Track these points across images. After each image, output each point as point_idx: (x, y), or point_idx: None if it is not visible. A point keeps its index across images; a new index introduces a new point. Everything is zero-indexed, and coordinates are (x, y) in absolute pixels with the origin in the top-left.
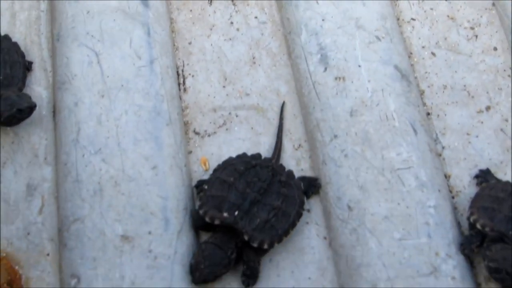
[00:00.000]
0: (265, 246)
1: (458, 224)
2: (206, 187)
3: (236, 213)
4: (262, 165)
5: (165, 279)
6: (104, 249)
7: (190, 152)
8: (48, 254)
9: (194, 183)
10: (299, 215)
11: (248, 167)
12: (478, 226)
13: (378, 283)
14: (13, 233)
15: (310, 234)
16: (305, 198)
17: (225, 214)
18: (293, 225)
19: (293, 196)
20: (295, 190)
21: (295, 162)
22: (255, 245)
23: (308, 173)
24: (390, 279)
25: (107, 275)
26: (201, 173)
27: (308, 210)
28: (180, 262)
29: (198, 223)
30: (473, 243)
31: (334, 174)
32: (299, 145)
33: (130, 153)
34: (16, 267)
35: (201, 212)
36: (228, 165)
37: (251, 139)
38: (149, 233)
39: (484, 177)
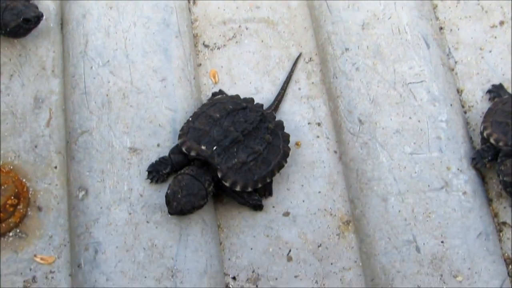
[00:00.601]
0: (237, 188)
1: (470, 139)
2: (190, 118)
3: (215, 148)
4: (253, 109)
5: None
6: (112, 161)
7: (200, 64)
8: (55, 167)
9: (203, 96)
10: (280, 166)
11: (238, 107)
12: (492, 140)
13: (388, 197)
14: (20, 146)
15: (320, 148)
16: (289, 153)
17: (203, 147)
18: (271, 173)
19: (278, 145)
20: (280, 140)
21: (306, 75)
22: (227, 184)
23: (319, 87)
24: (401, 193)
25: (115, 187)
26: (210, 86)
27: (319, 124)
28: None
29: (175, 153)
30: (485, 158)
31: (345, 87)
32: (310, 58)
33: (138, 65)
34: (24, 180)
35: (179, 141)
36: (218, 102)
37: (261, 52)
38: (158, 145)
39: (497, 92)
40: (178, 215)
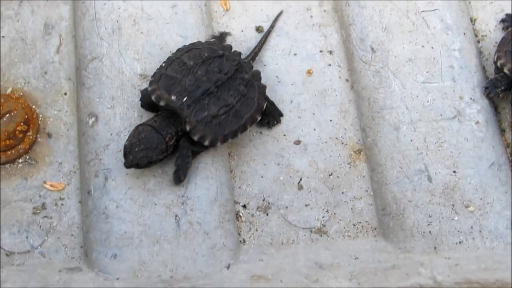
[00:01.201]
0: (206, 143)
1: (483, 69)
2: (163, 64)
3: (185, 99)
4: (229, 58)
5: None
6: (122, 88)
7: None
8: (65, 93)
9: (214, 23)
10: (253, 120)
11: (214, 55)
12: (506, 70)
13: (400, 126)
14: (30, 72)
15: (332, 76)
16: (265, 105)
17: (173, 97)
18: (243, 128)
19: (252, 98)
20: (256, 92)
21: (318, 3)
22: (195, 138)
23: (331, 14)
24: (413, 122)
25: (125, 114)
26: (221, 13)
27: (331, 52)
28: None
29: (144, 101)
30: (498, 88)
31: (357, 15)
32: None
33: None
34: (33, 107)
35: (149, 89)
36: (194, 47)
37: None
38: None
39: (510, 21)
40: (134, 168)
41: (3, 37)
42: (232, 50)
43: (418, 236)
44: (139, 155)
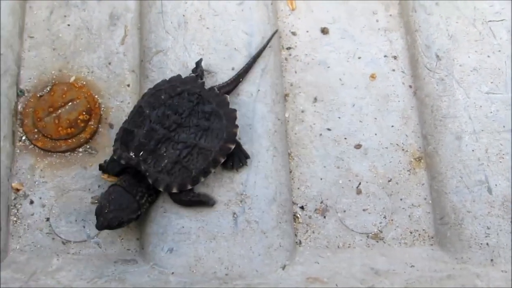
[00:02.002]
0: (174, 190)
1: None
2: (127, 117)
3: (141, 153)
4: (190, 91)
5: (246, 116)
6: None
7: None
8: (128, 85)
9: (280, 22)
10: (225, 151)
11: (173, 94)
12: None
13: (462, 135)
14: (94, 62)
15: (395, 81)
16: (236, 131)
17: (131, 154)
18: (214, 163)
19: (219, 128)
20: (223, 121)
21: (384, 7)
22: (160, 189)
23: (397, 20)
24: (475, 132)
25: None
26: (287, 12)
27: (395, 57)
28: (262, 101)
29: (112, 160)
30: None
31: (423, 21)
32: None
33: None
34: (96, 96)
35: (113, 148)
36: (156, 90)
37: None
38: (232, 69)
39: None
40: (106, 229)
41: (68, 25)
42: (198, 81)
43: (475, 248)
44: (109, 216)
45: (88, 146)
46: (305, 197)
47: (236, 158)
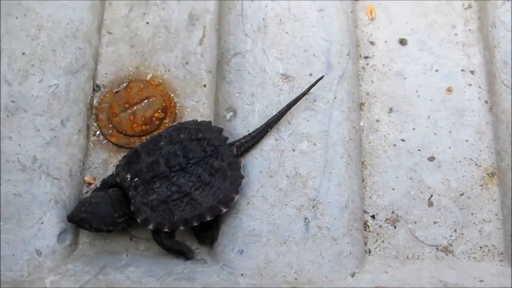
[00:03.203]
0: (150, 227)
1: None
2: (148, 140)
3: (136, 179)
4: (209, 142)
5: (322, 122)
6: (263, 85)
7: None
8: (204, 85)
9: (358, 31)
10: (213, 210)
11: (193, 137)
12: None
13: None
14: (171, 61)
15: (471, 96)
16: (234, 197)
17: (128, 175)
18: (199, 218)
19: (219, 188)
20: (226, 182)
21: (463, 21)
22: (138, 220)
23: (475, 35)
24: None
25: (264, 112)
26: (366, 21)
27: (472, 72)
28: (338, 108)
29: (110, 175)
30: None
31: (503, 38)
32: (469, 5)
33: None
34: (172, 95)
35: (119, 161)
36: (182, 126)
37: None
38: (310, 75)
39: None
40: (73, 224)
41: (147, 23)
42: (220, 134)
43: None
44: (81, 215)
45: None
46: (377, 206)
47: (204, 235)
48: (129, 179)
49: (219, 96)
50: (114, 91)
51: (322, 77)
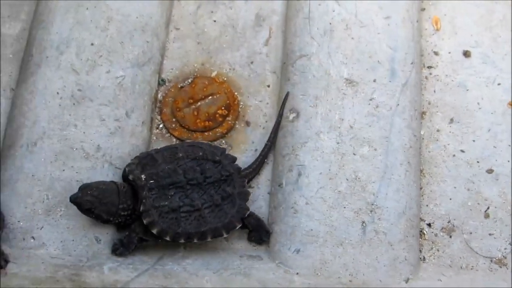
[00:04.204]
0: (154, 231)
1: None
2: (159, 147)
3: (151, 182)
4: (225, 168)
5: (383, 128)
6: (327, 89)
7: (423, 9)
8: (268, 85)
9: (423, 40)
10: (216, 233)
11: (209, 158)
12: None
13: None
14: (236, 60)
15: None
16: (237, 226)
17: (142, 176)
18: (201, 236)
19: (227, 212)
20: (233, 210)
21: None
22: (145, 221)
23: None
24: None
25: (327, 115)
26: (431, 32)
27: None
28: (400, 115)
29: (122, 172)
30: None
31: None
32: None
33: None
34: (235, 93)
35: (130, 160)
36: (197, 144)
37: (485, 6)
38: (374, 81)
39: None
40: (74, 204)
41: (214, 21)
42: (234, 162)
43: None
44: (86, 197)
45: (223, 141)
46: (433, 214)
47: (256, 234)
48: (143, 179)
49: (282, 97)
50: (179, 86)
51: (288, 93)
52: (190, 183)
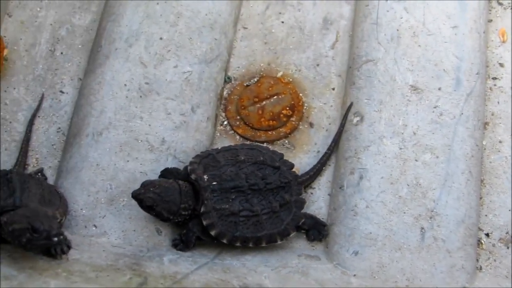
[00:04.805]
0: (213, 232)
1: None
2: (219, 147)
3: (214, 183)
4: (283, 175)
5: (446, 137)
6: (392, 94)
7: (490, 20)
8: (333, 88)
9: (488, 52)
10: (271, 239)
11: (269, 163)
12: None
13: None
14: (302, 61)
15: None
16: (291, 233)
17: (205, 176)
18: (257, 240)
19: (282, 219)
20: (289, 217)
21: None
22: (204, 223)
23: None
24: None
25: (391, 120)
26: (497, 43)
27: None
28: (464, 124)
29: (182, 170)
30: None
31: None
32: None
33: (433, 8)
34: (300, 94)
35: (191, 159)
36: (257, 148)
37: None
38: (439, 89)
39: None
40: (135, 200)
41: (282, 22)
42: (292, 169)
43: None
44: (148, 194)
45: (286, 141)
46: (492, 225)
47: (315, 232)
48: (206, 180)
49: (347, 100)
50: (245, 84)
51: (352, 104)
52: (251, 188)
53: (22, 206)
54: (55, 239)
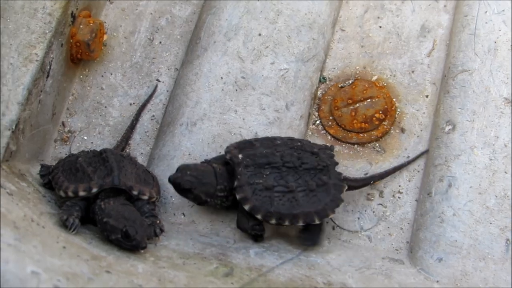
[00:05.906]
0: (246, 207)
1: None
2: (259, 136)
3: (247, 160)
4: (321, 159)
5: None
6: (485, 105)
7: None
8: (427, 96)
9: None
10: (308, 218)
11: (307, 150)
12: None
13: None
14: (398, 67)
15: None
16: (329, 215)
17: (240, 155)
18: (293, 218)
19: (320, 200)
20: (327, 198)
21: None
22: (237, 196)
23: None
24: None
25: (483, 131)
26: None
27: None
28: None
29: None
30: None
31: None
32: None
33: None
34: (394, 99)
35: (230, 144)
36: (296, 139)
37: None
38: None
39: None
40: (171, 184)
41: (379, 27)
42: (332, 158)
43: None
44: (186, 178)
45: (377, 144)
46: None
47: (309, 236)
48: (240, 158)
49: (440, 108)
50: (339, 85)
51: (427, 150)
52: (286, 165)
53: (120, 185)
54: (142, 251)
